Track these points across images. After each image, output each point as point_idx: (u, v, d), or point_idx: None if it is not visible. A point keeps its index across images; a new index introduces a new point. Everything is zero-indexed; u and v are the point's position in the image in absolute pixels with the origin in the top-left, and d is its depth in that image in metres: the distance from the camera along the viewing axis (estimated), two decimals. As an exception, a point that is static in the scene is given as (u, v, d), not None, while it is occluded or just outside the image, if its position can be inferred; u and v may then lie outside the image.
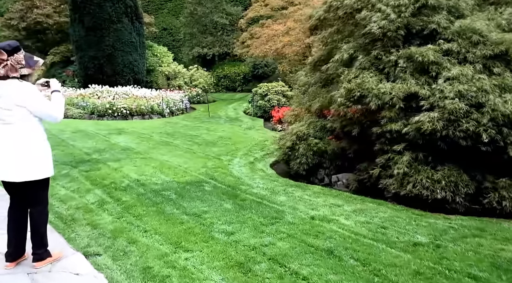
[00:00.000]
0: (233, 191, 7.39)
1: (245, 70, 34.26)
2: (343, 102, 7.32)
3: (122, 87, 20.55)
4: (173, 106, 19.97)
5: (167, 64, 25.97)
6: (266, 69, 33.49)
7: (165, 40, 36.59)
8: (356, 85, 7.19)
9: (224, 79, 34.26)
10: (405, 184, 6.62)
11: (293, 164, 8.62)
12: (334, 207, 6.55)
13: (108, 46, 21.58)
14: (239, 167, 9.52)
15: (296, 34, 20.55)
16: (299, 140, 8.52)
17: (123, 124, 15.80)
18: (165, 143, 12.19)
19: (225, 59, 35.97)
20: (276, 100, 18.51)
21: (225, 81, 34.38)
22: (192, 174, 8.53)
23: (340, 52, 7.91)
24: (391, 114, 6.91)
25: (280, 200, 6.90)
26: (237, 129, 15.40)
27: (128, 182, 7.80)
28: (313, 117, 9.00)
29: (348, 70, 7.66)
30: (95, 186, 7.48)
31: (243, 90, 33.88)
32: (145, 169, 8.85)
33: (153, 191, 7.24)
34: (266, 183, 8.05)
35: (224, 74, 34.28)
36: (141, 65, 22.82)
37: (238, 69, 34.53)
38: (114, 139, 12.45)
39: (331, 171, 8.44)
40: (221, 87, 33.89)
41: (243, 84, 34.61)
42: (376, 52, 7.37)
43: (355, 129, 7.40)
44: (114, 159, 9.71)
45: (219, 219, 5.87)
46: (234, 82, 34.58)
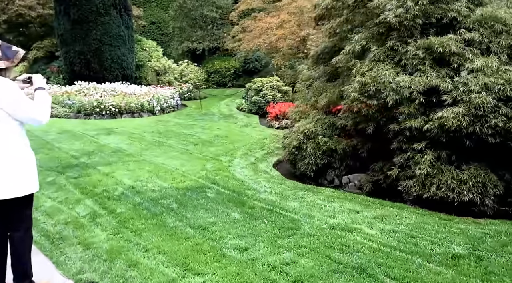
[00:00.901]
0: (239, 197, 6.76)
1: (235, 65, 33.50)
2: (356, 97, 6.72)
3: (110, 83, 19.69)
4: (164, 103, 19.20)
5: (156, 59, 25.13)
6: (257, 63, 32.79)
7: (153, 34, 35.63)
8: (371, 79, 6.59)
9: (214, 74, 33.46)
10: (428, 185, 6.05)
11: (300, 164, 8.01)
12: (353, 213, 5.95)
13: (95, 40, 20.66)
14: (240, 168, 8.89)
15: (291, 27, 19.92)
16: (306, 138, 7.91)
17: (112, 123, 15.05)
18: (159, 143, 11.51)
19: (215, 54, 35.19)
20: (271, 95, 17.85)
21: (215, 76, 33.58)
22: (191, 179, 7.88)
23: (351, 43, 7.30)
24: (410, 110, 6.32)
25: (292, 206, 6.29)
26: (233, 127, 14.74)
27: (122, 189, 7.14)
28: (320, 113, 8.39)
29: (361, 62, 7.06)
30: (85, 196, 6.81)
31: (234, 85, 33.14)
32: (140, 173, 8.18)
33: (150, 199, 6.58)
34: (273, 186, 7.43)
35: (214, 69, 33.47)
36: (130, 60, 21.96)
37: (228, 64, 33.75)
38: (103, 140, 11.73)
39: (341, 172, 7.85)
40: (211, 82, 33.10)
41: (234, 79, 33.86)
42: (391, 42, 6.77)
43: (370, 127, 6.81)
44: (104, 163, 9.01)
45: (229, 232, 5.25)
46: (224, 77, 33.78)
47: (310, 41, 18.63)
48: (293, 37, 19.83)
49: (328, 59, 9.75)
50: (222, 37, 33.61)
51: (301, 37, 19.41)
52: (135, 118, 17.18)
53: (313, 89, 9.14)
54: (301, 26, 20.04)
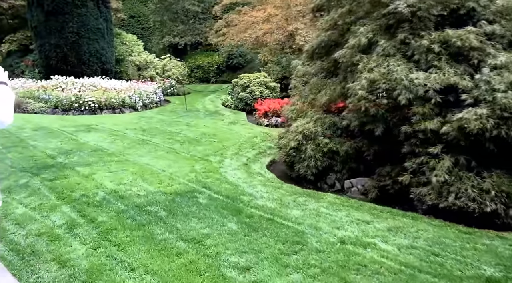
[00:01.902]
0: (234, 204, 6.11)
1: (219, 60, 32.77)
2: (364, 96, 6.12)
3: (89, 78, 18.78)
4: (146, 98, 18.39)
5: (137, 53, 24.22)
6: (241, 59, 32.12)
7: (133, 28, 34.58)
8: (381, 75, 6.00)
9: (197, 70, 32.66)
10: (445, 194, 5.48)
11: (298, 167, 7.38)
12: (363, 224, 5.35)
13: (72, 33, 19.66)
14: (232, 170, 8.23)
15: (278, 21, 19.29)
16: (306, 139, 7.29)
17: (91, 119, 14.22)
18: (142, 141, 10.76)
19: (197, 49, 34.40)
20: (258, 91, 17.21)
21: (198, 72, 32.79)
22: (180, 182, 7.19)
23: (356, 37, 6.70)
24: (425, 110, 5.75)
25: (294, 215, 5.66)
26: (220, 124, 14.04)
27: (104, 194, 6.42)
28: (319, 112, 7.78)
29: (368, 57, 6.46)
30: (62, 201, 6.07)
31: (217, 81, 32.43)
32: (123, 176, 7.45)
33: (136, 206, 5.89)
34: (270, 191, 6.79)
35: (197, 65, 32.68)
36: (109, 54, 21.02)
37: (211, 59, 33.00)
38: (82, 138, 10.94)
39: (343, 176, 7.26)
40: (194, 78, 32.29)
41: (217, 75, 33.14)
42: (402, 35, 6.18)
43: (379, 128, 6.21)
44: (84, 163, 8.26)
45: (226, 246, 4.60)
46: (207, 72, 33.02)
47: (298, 35, 18.04)
48: (281, 32, 19.21)
49: (324, 54, 9.16)
50: (204, 32, 32.82)
51: (289, 31, 18.79)
52: (116, 114, 16.36)
53: (310, 86, 8.52)
54: (288, 20, 19.42)
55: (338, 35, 8.16)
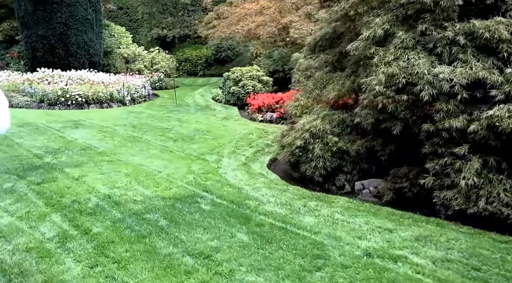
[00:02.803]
0: (241, 210, 5.60)
1: (207, 53, 32.18)
2: (381, 91, 5.63)
3: (76, 71, 18.05)
4: (135, 92, 17.73)
5: (126, 45, 23.47)
6: (229, 52, 31.59)
7: (120, 20, 33.67)
8: (400, 69, 5.51)
9: (185, 63, 32.04)
10: (474, 198, 5.03)
11: (305, 167, 6.89)
12: (386, 232, 4.87)
13: (60, 24, 18.83)
14: (232, 171, 7.71)
15: (271, 14, 18.75)
16: (313, 138, 6.79)
17: (79, 115, 13.56)
18: (134, 139, 10.18)
19: (186, 42, 33.71)
20: (251, 85, 16.67)
21: (186, 65, 32.18)
22: (178, 184, 6.65)
23: (370, 28, 6.19)
24: (449, 107, 5.28)
25: (309, 223, 5.16)
26: (213, 120, 13.49)
27: (97, 199, 5.86)
28: (326, 108, 7.28)
29: (384, 50, 5.97)
30: (51, 208, 5.50)
31: (205, 74, 31.88)
32: (116, 178, 6.89)
33: (133, 214, 5.34)
34: (276, 195, 6.29)
35: (185, 58, 32.05)
36: (97, 46, 20.23)
37: (200, 52, 32.39)
38: (70, 135, 10.32)
39: (353, 177, 6.78)
40: (181, 71, 31.64)
41: (205, 69, 32.59)
42: (423, 26, 5.69)
43: (397, 126, 5.73)
44: (73, 164, 7.67)
45: (240, 262, 4.09)
46: (195, 66, 32.44)
47: (293, 28, 17.52)
48: (274, 25, 18.67)
49: (328, 46, 8.69)
50: (193, 25, 32.20)
51: (283, 24, 18.26)
52: (104, 109, 15.71)
53: (314, 80, 8.04)
54: (282, 13, 18.89)
55: (347, 27, 7.67)
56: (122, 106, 16.47)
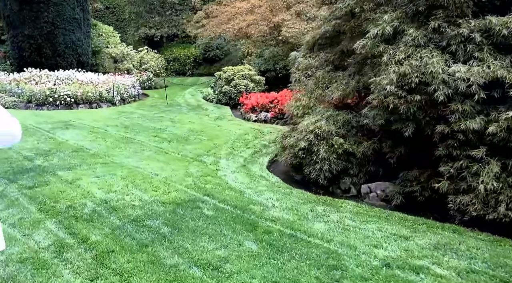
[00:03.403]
0: (245, 215, 5.31)
1: (195, 52, 31.82)
2: (393, 91, 5.38)
3: (64, 70, 17.60)
4: (124, 92, 17.35)
5: (114, 45, 23.02)
6: (218, 51, 31.24)
7: (107, 19, 33.11)
8: (413, 68, 5.27)
9: (173, 62, 31.65)
10: (493, 204, 4.80)
11: (309, 170, 6.62)
12: (402, 240, 4.62)
13: (47, 23, 18.30)
14: (232, 173, 7.42)
15: (262, 13, 18.47)
16: (317, 139, 6.52)
17: (68, 115, 13.15)
18: (126, 140, 9.84)
19: (174, 41, 33.32)
20: (243, 85, 16.36)
21: (174, 65, 31.79)
22: (177, 188, 6.35)
23: (378, 25, 5.95)
24: (465, 107, 5.05)
25: (319, 229, 4.90)
26: (206, 120, 13.16)
27: (93, 204, 5.53)
28: (330, 108, 7.02)
29: (394, 48, 5.73)
30: (45, 214, 5.17)
31: (194, 74, 31.54)
32: (112, 181, 6.56)
33: (132, 221, 5.03)
34: (280, 199, 6.01)
35: (173, 57, 31.66)
36: (85, 45, 19.75)
37: (188, 51, 32.03)
38: (60, 136, 9.95)
39: (360, 180, 6.53)
40: (170, 71, 31.26)
41: (193, 68, 32.22)
42: (435, 23, 5.45)
43: (409, 128, 5.48)
44: (66, 166, 7.32)
45: (252, 274, 3.80)
46: (184, 65, 32.07)
47: (285, 27, 17.26)
48: (265, 23, 18.38)
49: (328, 45, 8.45)
50: (181, 24, 31.89)
51: (275, 23, 17.98)
52: (94, 109, 15.33)
53: (316, 80, 7.79)
54: (273, 11, 18.62)
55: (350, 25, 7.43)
56: (112, 106, 16.11)
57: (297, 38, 17.27)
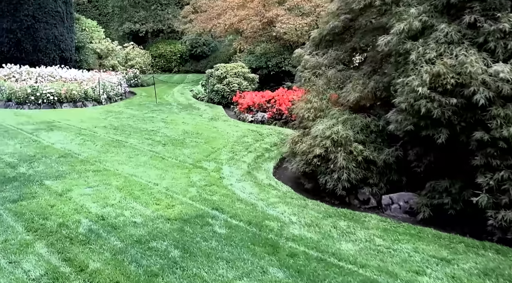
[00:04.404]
0: (263, 234, 4.73)
1: (182, 49, 31.04)
2: (425, 94, 4.83)
3: (46, 67, 16.74)
4: (111, 90, 16.62)
5: (98, 40, 22.16)
6: (205, 48, 30.51)
7: (89, 14, 32.08)
8: (448, 68, 4.73)
9: (159, 59, 30.79)
10: (542, 221, 4.29)
11: (325, 179, 6.05)
12: (444, 264, 4.09)
13: (28, 16, 17.39)
14: (237, 182, 6.82)
15: (255, 7, 17.81)
16: (335, 146, 5.95)
17: (52, 115, 12.39)
18: (118, 143, 9.16)
19: (159, 37, 32.45)
20: (236, 83, 15.74)
21: (160, 61, 30.94)
22: (181, 201, 5.73)
23: (403, 20, 5.40)
24: (507, 112, 4.54)
25: (349, 251, 4.34)
26: (200, 121, 12.50)
27: (88, 222, 4.90)
28: (345, 111, 6.46)
29: (422, 45, 5.18)
30: (34, 235, 4.52)
31: (180, 70, 30.80)
32: (107, 193, 5.92)
33: (136, 242, 4.41)
34: (297, 213, 5.45)
35: (159, 53, 30.78)
36: (69, 40, 18.87)
37: (174, 47, 31.21)
38: (45, 139, 9.23)
39: (380, 190, 5.98)
40: (156, 67, 30.43)
41: (180, 65, 31.46)
42: (471, 17, 4.93)
43: (442, 134, 4.94)
44: (53, 175, 6.65)
45: (286, 313, 3.22)
46: (170, 62, 31.26)
47: (279, 23, 16.66)
48: (258, 19, 17.73)
49: (338, 41, 7.90)
50: (167, 19, 31.06)
51: (268, 18, 17.36)
52: (79, 108, 14.59)
53: (327, 79, 7.22)
54: (266, 6, 17.99)
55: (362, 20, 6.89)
56: (98, 105, 15.39)
57: (291, 34, 16.73)
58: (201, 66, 30.14)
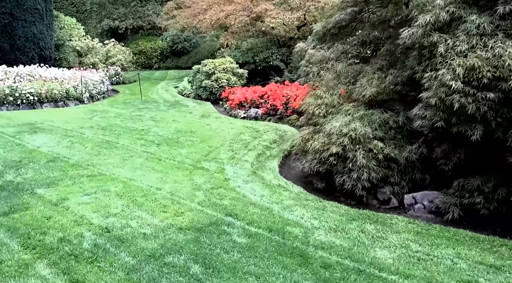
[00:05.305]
0: (287, 242, 4.31)
1: (162, 45, 30.32)
2: (459, 88, 4.47)
3: (24, 66, 15.98)
4: (93, 89, 15.97)
5: (78, 38, 21.37)
6: (186, 44, 29.88)
7: (66, 11, 31.03)
8: (482, 61, 4.38)
9: (139, 56, 30.00)
10: None
11: (343, 179, 5.65)
12: (494, 271, 3.75)
13: (5, 14, 16.50)
14: (245, 183, 6.38)
15: (242, 2, 17.31)
16: (353, 144, 5.56)
17: (33, 116, 11.72)
18: (108, 144, 8.61)
19: (139, 33, 31.67)
20: (225, 79, 15.25)
21: (140, 58, 30.15)
22: (190, 207, 5.26)
23: (428, 11, 5.04)
24: (549, 106, 4.20)
25: (386, 259, 3.95)
26: (191, 118, 11.99)
27: (92, 235, 4.40)
28: (361, 107, 6.07)
29: (451, 37, 4.82)
30: (33, 253, 4.01)
31: (161, 67, 30.13)
32: (107, 201, 5.40)
33: (150, 257, 3.94)
34: (317, 216, 5.04)
35: (139, 50, 30.00)
36: (48, 38, 18.06)
37: (154, 44, 30.48)
38: (30, 142, 8.62)
39: (402, 189, 5.62)
40: (136, 64, 29.66)
41: (161, 61, 30.75)
42: (506, 8, 4.59)
43: (477, 130, 4.59)
44: (44, 182, 6.10)
45: None
46: (150, 58, 30.51)
47: (268, 17, 16.23)
48: (246, 14, 17.25)
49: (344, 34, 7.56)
50: (146, 15, 30.35)
51: (256, 13, 16.90)
52: (61, 108, 13.91)
53: (335, 74, 6.84)
54: (254, 1, 17.52)
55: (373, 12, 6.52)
56: (81, 105, 14.71)
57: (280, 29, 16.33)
58: (182, 62, 29.51)
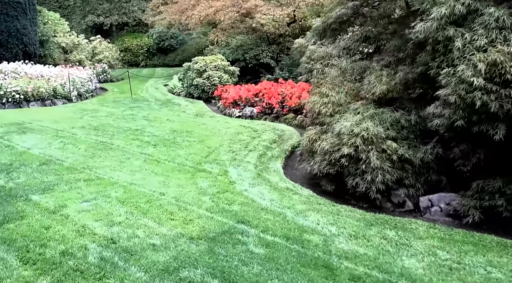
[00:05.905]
0: (308, 252, 4.06)
1: (149, 42, 29.81)
2: (481, 85, 4.26)
3: (8, 63, 15.49)
4: (81, 87, 15.54)
5: (63, 34, 20.83)
6: (173, 41, 29.42)
7: (49, 6, 30.21)
8: (505, 56, 4.17)
9: (125, 53, 29.44)
10: None
11: (355, 182, 5.42)
12: (531, 282, 3.54)
13: (-14, 8, 16.17)
14: (251, 187, 6.11)
15: (232, -3, 17.00)
16: (365, 144, 5.33)
17: (20, 116, 11.29)
18: (103, 145, 8.27)
19: (124, 30, 31.09)
20: (217, 77, 14.94)
21: (126, 55, 29.59)
22: (198, 213, 4.98)
23: (442, 4, 4.81)
24: None
25: (416, 269, 3.73)
26: (185, 117, 11.67)
27: (97, 247, 4.10)
28: (370, 106, 5.84)
29: (468, 31, 4.61)
30: (34, 269, 3.70)
31: (148, 64, 29.62)
32: (109, 208, 5.10)
33: (163, 271, 3.66)
34: (333, 222, 4.80)
35: (125, 47, 29.44)
36: (32, 34, 17.54)
37: (141, 41, 29.94)
38: (19, 143, 8.25)
39: (417, 191, 5.41)
40: (122, 62, 29.12)
41: (147, 58, 30.22)
42: (529, -2, 4.38)
43: (499, 129, 4.39)
44: (39, 187, 5.76)
45: None
46: (137, 56, 29.96)
47: (259, 13, 15.95)
48: (235, 9, 16.94)
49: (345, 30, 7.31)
50: (131, 11, 29.81)
51: (246, 9, 16.61)
52: (48, 107, 13.49)
53: (340, 70, 6.60)
54: (244, -5, 17.22)
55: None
56: (69, 103, 14.30)
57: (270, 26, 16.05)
58: (169, 59, 29.09)
